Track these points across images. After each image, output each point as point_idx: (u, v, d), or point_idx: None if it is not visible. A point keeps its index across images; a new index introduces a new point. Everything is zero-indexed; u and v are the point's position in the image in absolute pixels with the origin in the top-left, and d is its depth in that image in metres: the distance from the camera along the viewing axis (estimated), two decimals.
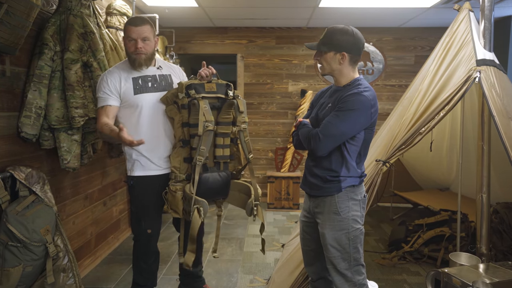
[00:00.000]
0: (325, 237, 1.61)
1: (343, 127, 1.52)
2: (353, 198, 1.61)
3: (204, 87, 1.85)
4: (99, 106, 1.92)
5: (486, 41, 2.22)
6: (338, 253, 1.59)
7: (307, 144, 1.60)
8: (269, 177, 4.31)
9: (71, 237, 2.41)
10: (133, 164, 1.95)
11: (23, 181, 1.76)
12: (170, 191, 1.85)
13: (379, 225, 3.69)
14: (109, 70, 1.98)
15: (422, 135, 2.12)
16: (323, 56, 1.60)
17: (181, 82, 1.86)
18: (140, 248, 2.03)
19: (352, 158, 1.59)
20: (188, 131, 1.84)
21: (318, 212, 1.65)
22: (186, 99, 1.81)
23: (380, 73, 4.51)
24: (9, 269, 1.65)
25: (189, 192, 1.76)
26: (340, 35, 1.56)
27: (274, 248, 3.13)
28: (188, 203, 1.76)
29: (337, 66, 1.59)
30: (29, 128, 1.92)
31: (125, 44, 1.93)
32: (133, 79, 1.93)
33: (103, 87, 1.90)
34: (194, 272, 2.22)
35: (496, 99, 2.09)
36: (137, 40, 1.86)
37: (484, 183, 2.27)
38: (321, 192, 1.63)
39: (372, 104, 1.54)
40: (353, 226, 1.59)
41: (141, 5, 3.48)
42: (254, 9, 3.74)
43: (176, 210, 1.85)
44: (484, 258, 2.27)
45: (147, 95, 1.92)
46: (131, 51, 1.89)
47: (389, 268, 2.72)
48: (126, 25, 1.91)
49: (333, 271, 1.62)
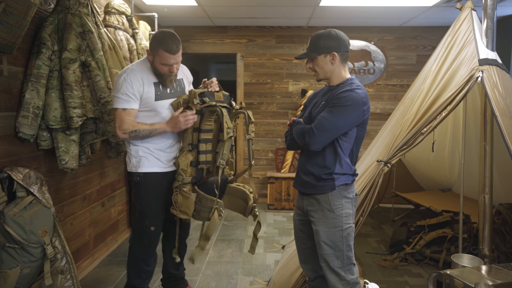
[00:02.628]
0: (318, 234, 1.65)
1: (337, 122, 1.57)
2: (346, 196, 1.66)
3: (214, 96, 1.94)
4: (120, 107, 1.87)
5: (488, 40, 2.21)
6: (332, 251, 1.63)
7: (301, 139, 1.63)
8: (269, 177, 4.29)
9: (69, 239, 2.39)
10: (139, 160, 1.96)
11: (20, 182, 1.75)
12: (183, 192, 1.87)
13: (380, 226, 3.66)
14: (131, 70, 1.91)
15: (424, 135, 2.11)
16: (314, 62, 1.67)
17: (194, 90, 1.94)
18: (141, 248, 2.00)
19: (345, 154, 1.64)
20: (198, 136, 1.91)
21: (312, 210, 1.68)
22: (200, 105, 1.89)
23: (381, 72, 4.49)
24: (6, 271, 1.64)
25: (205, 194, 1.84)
26: (325, 40, 1.64)
27: (274, 250, 3.11)
28: (202, 204, 1.83)
29: (329, 67, 1.66)
30: (26, 128, 1.91)
31: (154, 63, 1.90)
32: (155, 84, 1.94)
33: (126, 88, 1.86)
34: (177, 274, 2.22)
35: (498, 99, 2.07)
36: (173, 65, 1.90)
37: (487, 184, 2.25)
38: (314, 190, 1.66)
39: (364, 101, 1.59)
40: (346, 223, 1.64)
41: (140, 4, 3.46)
42: (254, 8, 3.72)
43: (187, 212, 1.88)
44: (486, 260, 2.26)
45: (165, 101, 1.97)
46: (164, 72, 1.90)
47: (390, 270, 2.70)
48: (162, 51, 1.84)
49: (326, 269, 1.65)
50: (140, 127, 1.89)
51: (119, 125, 1.89)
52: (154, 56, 1.89)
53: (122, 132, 1.89)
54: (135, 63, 2.00)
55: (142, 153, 1.96)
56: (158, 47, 1.86)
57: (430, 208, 3.34)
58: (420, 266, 2.76)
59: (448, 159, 3.75)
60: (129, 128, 1.88)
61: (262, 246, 3.19)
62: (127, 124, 1.88)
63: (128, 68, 1.94)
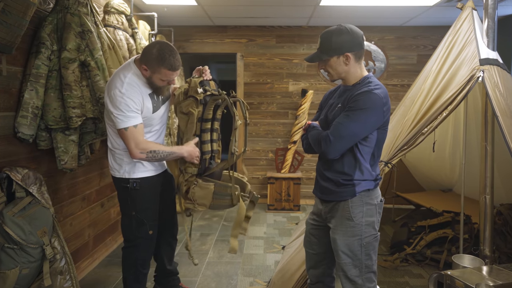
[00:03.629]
0: (336, 243, 1.56)
1: (354, 128, 1.45)
2: (368, 202, 1.55)
3: (210, 85, 1.91)
4: (131, 125, 1.75)
5: (489, 40, 2.20)
6: (349, 260, 1.54)
7: (317, 147, 1.54)
8: (269, 178, 4.28)
9: (68, 239, 2.39)
10: (133, 166, 1.89)
11: (19, 182, 1.74)
12: (201, 184, 1.86)
13: (380, 227, 3.56)
14: (128, 85, 1.78)
15: (425, 135, 2.10)
16: (327, 64, 1.55)
17: (193, 79, 1.87)
18: (140, 254, 1.97)
19: (365, 160, 1.53)
20: (200, 126, 1.89)
21: (331, 217, 1.60)
22: (203, 95, 1.84)
23: (382, 72, 4.48)
24: (5, 272, 1.63)
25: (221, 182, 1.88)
26: (337, 37, 1.50)
27: (275, 250, 3.10)
28: (221, 192, 1.84)
29: (343, 68, 1.54)
30: (25, 128, 1.90)
31: (154, 80, 1.82)
32: (150, 95, 1.88)
33: (131, 105, 1.76)
34: (170, 270, 2.21)
35: (499, 98, 2.06)
36: (172, 81, 1.86)
37: (488, 184, 2.24)
38: (333, 196, 1.57)
39: (384, 102, 1.47)
40: (367, 232, 1.54)
41: (139, 4, 3.45)
42: (254, 8, 3.71)
43: (205, 203, 1.87)
44: (487, 260, 2.25)
45: (159, 111, 1.94)
46: (160, 85, 1.85)
47: (391, 271, 2.69)
48: (164, 69, 1.77)
49: (343, 277, 1.57)
50: (159, 148, 1.81)
51: (136, 144, 1.76)
52: (153, 73, 1.80)
53: (140, 152, 1.77)
54: (126, 75, 1.81)
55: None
56: (159, 66, 1.76)
57: (431, 208, 3.33)
58: (421, 266, 2.75)
59: (449, 159, 3.74)
60: (148, 148, 1.79)
61: (262, 247, 3.18)
62: (144, 144, 1.79)
63: (122, 83, 1.78)
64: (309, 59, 1.59)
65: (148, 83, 1.86)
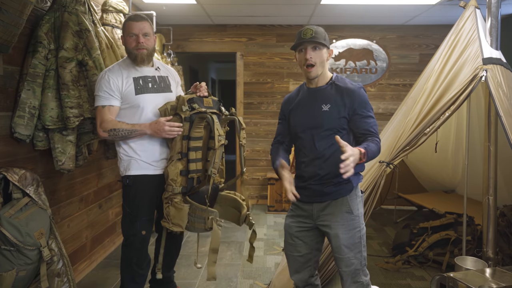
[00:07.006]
0: (338, 237, 1.59)
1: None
2: (358, 195, 1.65)
3: (203, 101, 1.89)
4: (99, 104, 1.88)
5: (492, 39, 2.18)
6: (352, 253, 1.60)
7: (378, 153, 1.59)
8: (270, 179, 4.25)
9: (66, 241, 2.37)
10: (129, 163, 1.93)
11: (16, 183, 1.72)
12: (175, 204, 1.83)
13: (382, 229, 3.63)
14: (109, 69, 1.95)
15: (427, 135, 2.09)
16: (318, 53, 1.58)
17: (182, 96, 1.89)
18: (133, 252, 1.97)
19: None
20: (187, 144, 1.85)
21: (327, 214, 1.62)
22: (189, 112, 1.84)
23: (383, 72, 4.45)
24: (2, 274, 1.61)
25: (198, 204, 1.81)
26: (324, 33, 1.61)
27: (275, 252, 3.08)
28: (196, 215, 1.81)
29: (325, 64, 1.63)
30: (22, 128, 1.88)
31: (125, 41, 1.94)
32: (134, 79, 1.93)
33: (104, 86, 1.87)
34: (167, 277, 2.19)
35: (503, 98, 2.04)
36: (138, 35, 1.89)
37: (491, 185, 2.22)
38: (333, 196, 1.61)
39: None
40: (362, 223, 1.64)
41: (138, 2, 3.44)
42: (254, 6, 3.69)
43: (180, 224, 1.84)
44: (490, 262, 2.23)
45: (147, 95, 1.94)
46: (132, 47, 1.91)
47: (393, 273, 2.67)
48: (127, 21, 1.93)
49: (344, 273, 1.63)
50: (120, 126, 1.86)
51: (100, 123, 1.87)
52: (124, 36, 1.93)
53: (102, 130, 1.87)
54: (117, 62, 2.03)
55: (131, 156, 1.92)
56: (124, 24, 1.93)
57: (433, 209, 3.31)
58: (423, 268, 2.73)
59: (452, 160, 3.72)
60: (109, 127, 1.85)
61: (262, 249, 3.16)
62: (107, 122, 1.86)
63: (109, 67, 1.96)
64: (308, 39, 1.55)
65: (130, 58, 1.94)
